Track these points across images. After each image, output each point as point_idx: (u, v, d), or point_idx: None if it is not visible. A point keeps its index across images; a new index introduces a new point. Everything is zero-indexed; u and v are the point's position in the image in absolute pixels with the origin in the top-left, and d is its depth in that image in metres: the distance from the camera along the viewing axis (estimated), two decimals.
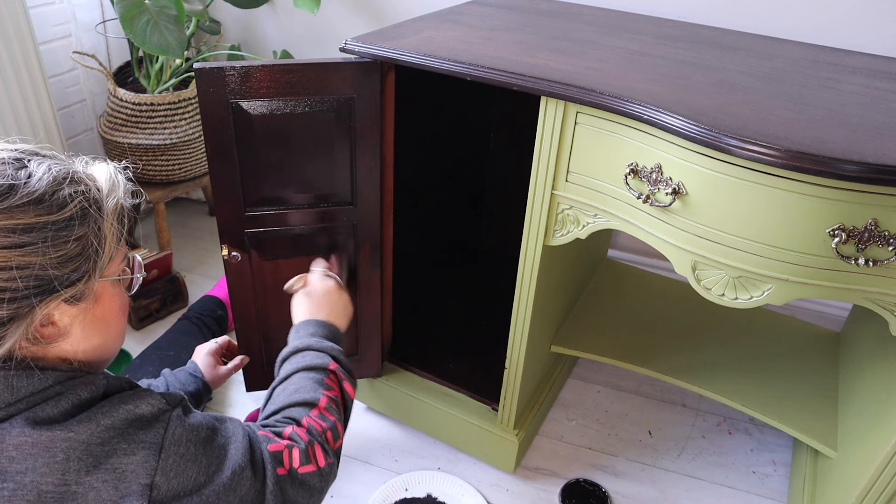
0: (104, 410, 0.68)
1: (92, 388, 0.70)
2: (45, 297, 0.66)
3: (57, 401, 0.67)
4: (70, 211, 0.67)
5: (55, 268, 0.66)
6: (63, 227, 0.66)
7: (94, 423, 0.67)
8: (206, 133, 1.06)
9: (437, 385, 1.43)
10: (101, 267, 0.71)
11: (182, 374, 1.18)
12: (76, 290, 0.68)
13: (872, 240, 0.81)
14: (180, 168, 1.86)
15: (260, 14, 1.97)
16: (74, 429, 0.66)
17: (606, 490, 1.38)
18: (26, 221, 0.64)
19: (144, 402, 0.71)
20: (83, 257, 0.68)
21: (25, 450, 0.64)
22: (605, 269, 1.74)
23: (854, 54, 1.23)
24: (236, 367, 1.25)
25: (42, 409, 0.66)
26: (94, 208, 0.70)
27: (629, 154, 0.94)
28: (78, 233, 0.67)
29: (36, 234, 0.64)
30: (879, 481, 0.99)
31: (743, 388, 1.35)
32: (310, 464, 0.82)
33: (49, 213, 0.66)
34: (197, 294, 1.83)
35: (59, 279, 0.66)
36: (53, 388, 0.68)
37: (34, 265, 0.64)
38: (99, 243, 0.69)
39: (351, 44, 1.07)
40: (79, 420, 0.67)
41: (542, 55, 1.06)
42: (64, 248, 0.66)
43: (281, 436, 0.83)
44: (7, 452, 0.64)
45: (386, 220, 1.24)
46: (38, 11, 1.72)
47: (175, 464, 0.70)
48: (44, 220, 0.65)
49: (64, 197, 0.67)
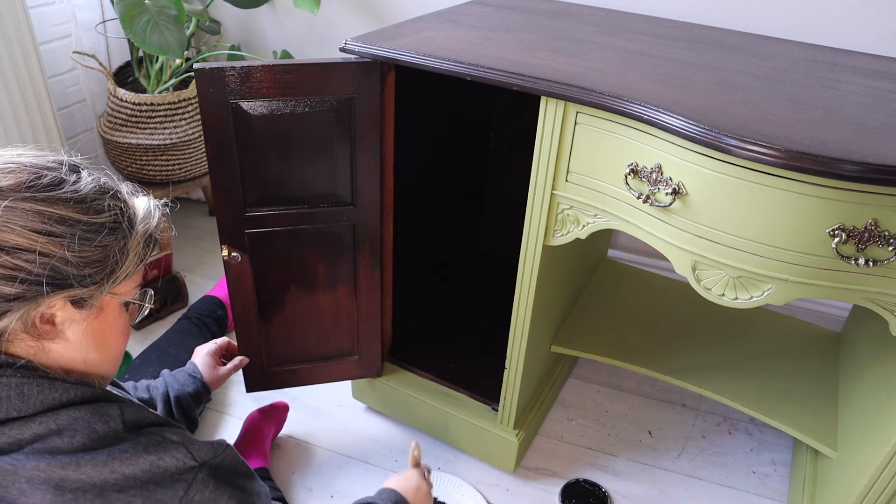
0: (124, 457, 0.67)
1: (106, 419, 0.69)
2: (54, 290, 0.67)
3: (71, 435, 0.66)
4: (104, 218, 0.71)
5: (73, 266, 0.68)
6: (93, 230, 0.69)
7: (108, 469, 0.66)
8: (206, 134, 1.06)
9: (437, 385, 1.43)
10: (115, 282, 0.72)
11: (181, 374, 1.18)
12: (85, 293, 0.70)
13: (872, 240, 0.81)
14: (180, 168, 1.86)
15: (260, 14, 1.97)
16: (86, 471, 0.65)
17: (606, 490, 1.38)
18: (62, 213, 0.67)
19: (169, 455, 0.70)
20: (101, 265, 0.70)
21: (36, 484, 0.64)
22: (605, 269, 1.74)
23: (854, 54, 1.23)
24: (235, 368, 1.25)
25: (54, 442, 0.65)
26: (125, 224, 0.73)
27: (629, 154, 0.94)
28: (104, 241, 0.70)
29: (67, 227, 0.67)
30: (879, 481, 0.99)
31: (743, 388, 1.35)
32: None
33: (85, 213, 0.69)
34: (197, 294, 1.83)
35: (74, 277, 0.68)
36: (66, 410, 0.67)
37: (55, 255, 0.67)
38: (121, 258, 0.72)
39: (351, 44, 1.07)
40: (93, 461, 0.66)
41: (542, 55, 1.06)
42: (87, 250, 0.69)
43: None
44: (18, 485, 0.64)
45: (386, 221, 1.24)
46: (38, 11, 1.72)
47: None
48: (77, 218, 0.68)
49: (103, 206, 0.71)
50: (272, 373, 1.35)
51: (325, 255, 1.23)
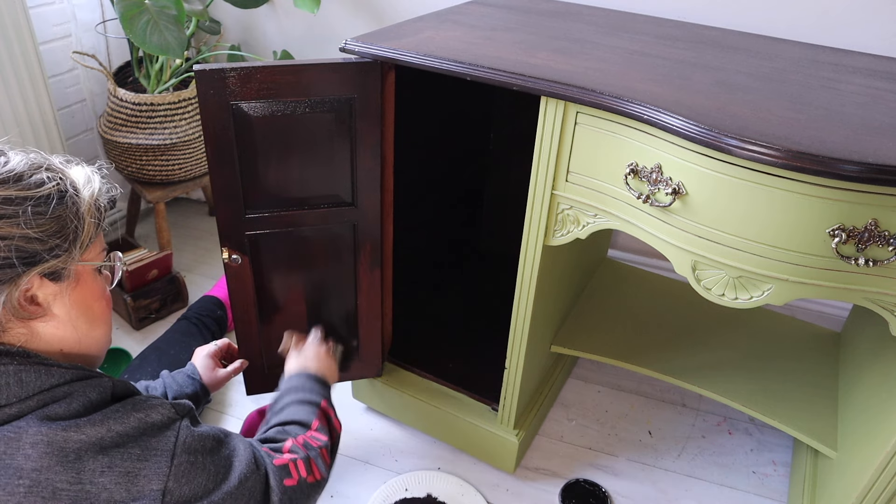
0: (117, 417, 0.72)
1: (100, 389, 0.73)
2: (28, 267, 0.70)
3: (68, 402, 0.70)
4: (47, 190, 0.72)
5: (38, 241, 0.70)
6: (41, 203, 0.71)
7: (105, 428, 0.70)
8: (206, 136, 1.06)
9: (437, 385, 1.43)
10: (82, 247, 0.75)
11: (180, 375, 1.18)
12: (56, 265, 0.72)
13: (872, 240, 0.81)
14: (180, 168, 1.86)
15: (260, 14, 1.97)
16: (86, 431, 0.69)
17: (606, 490, 1.38)
18: (5, 194, 0.69)
19: (155, 411, 0.75)
20: (62, 236, 0.72)
21: (41, 448, 0.67)
22: (605, 269, 1.74)
23: (854, 54, 1.23)
24: (235, 371, 1.25)
25: (53, 409, 0.69)
26: (72, 191, 0.74)
27: (629, 154, 0.94)
28: (57, 211, 0.72)
29: (15, 207, 0.69)
30: (879, 481, 0.99)
31: (743, 388, 1.35)
32: (311, 475, 0.90)
33: (28, 189, 0.70)
34: (197, 294, 1.83)
35: (43, 251, 0.71)
36: (61, 387, 0.71)
37: (15, 236, 0.68)
38: (79, 224, 0.74)
39: (351, 44, 1.07)
40: (91, 422, 0.70)
41: (542, 55, 1.06)
42: (44, 223, 0.70)
43: (281, 451, 0.89)
44: (24, 450, 0.67)
45: (386, 221, 1.24)
46: (38, 11, 1.72)
47: (186, 470, 0.74)
48: (23, 195, 0.70)
49: (42, 178, 0.72)
50: (273, 375, 1.34)
51: (325, 255, 1.23)
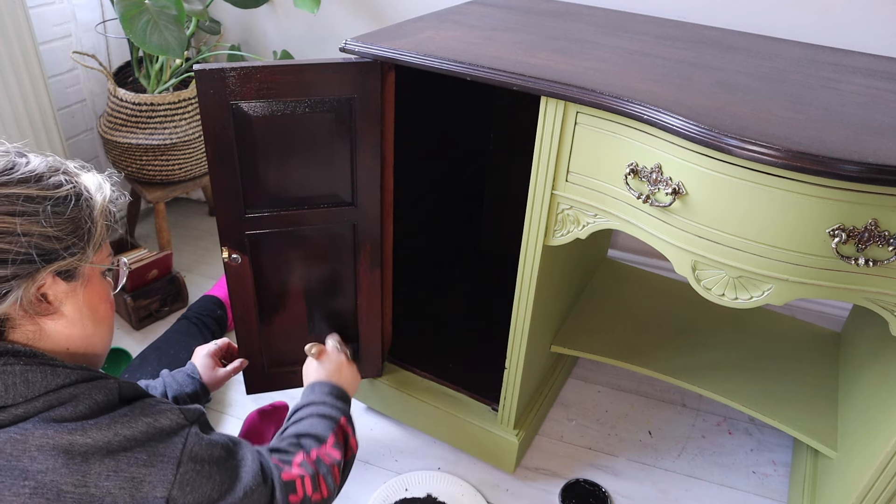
0: (125, 420, 0.72)
1: (105, 391, 0.74)
2: (46, 263, 0.71)
3: (74, 404, 0.70)
4: (65, 192, 0.74)
5: (56, 239, 0.72)
6: (59, 203, 0.73)
7: (112, 431, 0.71)
8: (206, 136, 1.06)
9: (437, 385, 1.43)
10: (95, 248, 0.77)
11: (180, 375, 1.18)
12: (70, 264, 0.74)
13: (872, 240, 0.81)
14: (180, 168, 1.86)
15: (260, 14, 1.97)
16: (93, 434, 0.69)
17: (606, 490, 1.38)
18: (27, 193, 0.71)
19: (164, 416, 0.76)
20: (77, 236, 0.74)
21: (47, 451, 0.67)
22: (605, 269, 1.74)
23: (854, 54, 1.23)
24: (235, 371, 1.25)
25: (59, 412, 0.69)
26: (86, 194, 0.76)
27: (629, 154, 0.94)
28: (73, 212, 0.74)
29: (36, 205, 0.71)
30: (879, 481, 0.99)
31: (743, 388, 1.35)
32: (318, 492, 0.90)
33: (47, 189, 0.73)
34: (197, 294, 1.83)
35: (60, 248, 0.72)
36: (67, 388, 0.71)
37: (35, 233, 0.70)
38: (92, 225, 0.76)
39: (351, 44, 1.07)
40: (98, 425, 0.70)
41: (542, 55, 1.06)
42: (60, 224, 0.73)
43: (291, 464, 0.90)
44: (29, 452, 0.67)
45: (386, 221, 1.24)
46: (38, 11, 1.72)
47: (191, 479, 0.74)
48: (42, 195, 0.72)
49: (59, 181, 0.75)
50: (273, 374, 1.35)
51: (325, 255, 1.23)
